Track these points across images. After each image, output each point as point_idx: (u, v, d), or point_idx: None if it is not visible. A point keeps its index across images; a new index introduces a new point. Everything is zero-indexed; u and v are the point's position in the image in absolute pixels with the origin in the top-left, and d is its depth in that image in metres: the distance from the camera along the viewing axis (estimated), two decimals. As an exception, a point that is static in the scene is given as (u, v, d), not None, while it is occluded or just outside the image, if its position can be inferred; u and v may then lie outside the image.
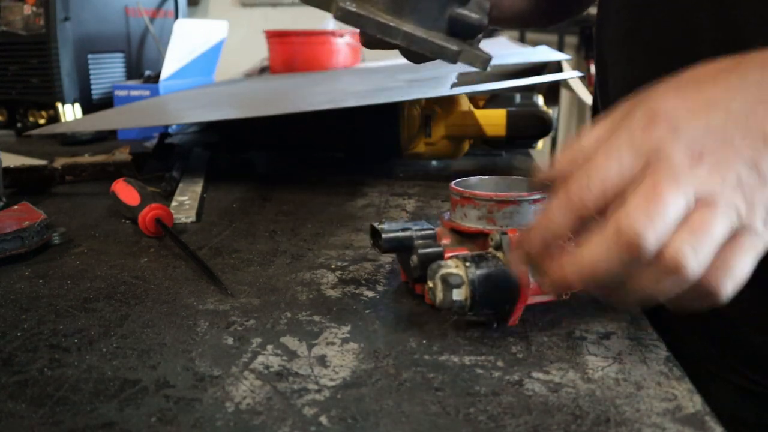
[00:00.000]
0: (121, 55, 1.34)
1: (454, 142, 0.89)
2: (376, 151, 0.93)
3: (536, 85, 1.05)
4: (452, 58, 0.46)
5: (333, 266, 0.54)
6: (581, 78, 1.12)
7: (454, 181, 0.48)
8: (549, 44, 1.64)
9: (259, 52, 1.60)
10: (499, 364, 0.38)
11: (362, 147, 0.94)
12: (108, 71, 1.29)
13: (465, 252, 0.43)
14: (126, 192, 0.65)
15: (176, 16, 1.50)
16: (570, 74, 1.08)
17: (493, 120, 0.88)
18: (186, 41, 1.20)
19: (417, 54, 0.48)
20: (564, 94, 1.34)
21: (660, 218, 0.29)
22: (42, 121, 1.19)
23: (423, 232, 0.46)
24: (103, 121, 1.03)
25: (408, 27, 0.45)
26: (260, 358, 0.38)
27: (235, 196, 0.77)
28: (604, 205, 0.31)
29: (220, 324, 0.43)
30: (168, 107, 1.05)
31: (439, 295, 0.39)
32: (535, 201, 0.45)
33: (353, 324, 0.43)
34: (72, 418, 0.32)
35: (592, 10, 0.66)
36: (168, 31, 1.28)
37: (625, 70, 0.56)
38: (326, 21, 1.53)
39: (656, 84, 0.34)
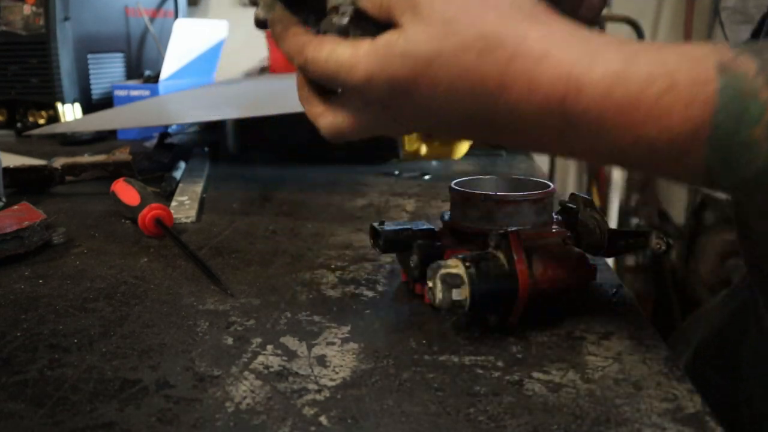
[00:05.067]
0: (121, 55, 1.33)
1: (454, 142, 0.89)
2: (376, 151, 0.93)
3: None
4: None
5: (333, 266, 0.54)
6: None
7: (454, 181, 0.48)
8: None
9: (259, 52, 1.60)
10: (499, 364, 0.38)
11: (362, 147, 0.94)
12: (108, 71, 1.29)
13: (465, 252, 0.43)
14: (126, 192, 0.65)
15: (176, 16, 1.50)
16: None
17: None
18: (186, 41, 1.20)
19: None
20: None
21: None
22: (42, 121, 1.18)
23: (423, 232, 0.46)
24: (103, 121, 1.03)
25: None
26: (260, 358, 0.38)
27: (235, 196, 0.77)
28: None
29: (220, 324, 0.43)
30: (168, 107, 1.05)
31: (439, 295, 0.39)
32: (535, 201, 0.45)
33: (353, 324, 0.43)
34: (72, 418, 0.32)
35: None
36: (168, 31, 1.28)
37: None
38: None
39: None
